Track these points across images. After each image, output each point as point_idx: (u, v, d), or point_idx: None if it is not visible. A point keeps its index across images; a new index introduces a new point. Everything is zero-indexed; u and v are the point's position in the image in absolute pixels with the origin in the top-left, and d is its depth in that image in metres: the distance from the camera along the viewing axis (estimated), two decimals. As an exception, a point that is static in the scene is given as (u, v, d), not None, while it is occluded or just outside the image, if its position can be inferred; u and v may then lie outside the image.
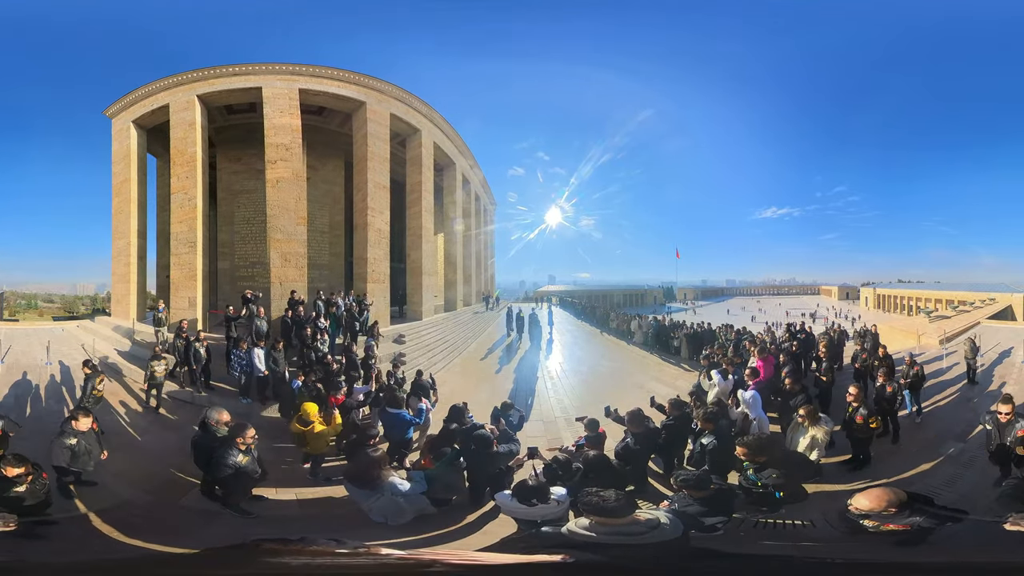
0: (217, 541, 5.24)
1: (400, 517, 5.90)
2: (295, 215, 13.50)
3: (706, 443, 6.56)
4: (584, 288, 23.39)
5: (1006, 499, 4.66)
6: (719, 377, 9.03)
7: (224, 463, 6.04)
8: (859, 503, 3.58)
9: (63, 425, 6.79)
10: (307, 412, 7.45)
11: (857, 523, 3.55)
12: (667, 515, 2.95)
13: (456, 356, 14.87)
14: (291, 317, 11.66)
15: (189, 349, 10.42)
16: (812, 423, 6.81)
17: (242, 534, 5.62)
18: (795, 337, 12.72)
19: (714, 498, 4.45)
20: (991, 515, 4.14)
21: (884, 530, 3.38)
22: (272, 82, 13.65)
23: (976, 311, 17.37)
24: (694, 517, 4.00)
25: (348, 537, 5.20)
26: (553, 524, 4.51)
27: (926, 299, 19.73)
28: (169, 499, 6.73)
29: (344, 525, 6.08)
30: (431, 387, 9.68)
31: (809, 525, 4.64)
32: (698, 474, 4.91)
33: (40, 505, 5.48)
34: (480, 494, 6.39)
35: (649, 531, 2.74)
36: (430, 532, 5.73)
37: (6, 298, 16.62)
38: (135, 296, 14.57)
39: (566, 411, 10.47)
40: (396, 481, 5.98)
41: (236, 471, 6.08)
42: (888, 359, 10.12)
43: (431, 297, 17.14)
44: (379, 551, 2.83)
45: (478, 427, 6.76)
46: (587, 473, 5.46)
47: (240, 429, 6.32)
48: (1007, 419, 6.17)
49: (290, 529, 6.16)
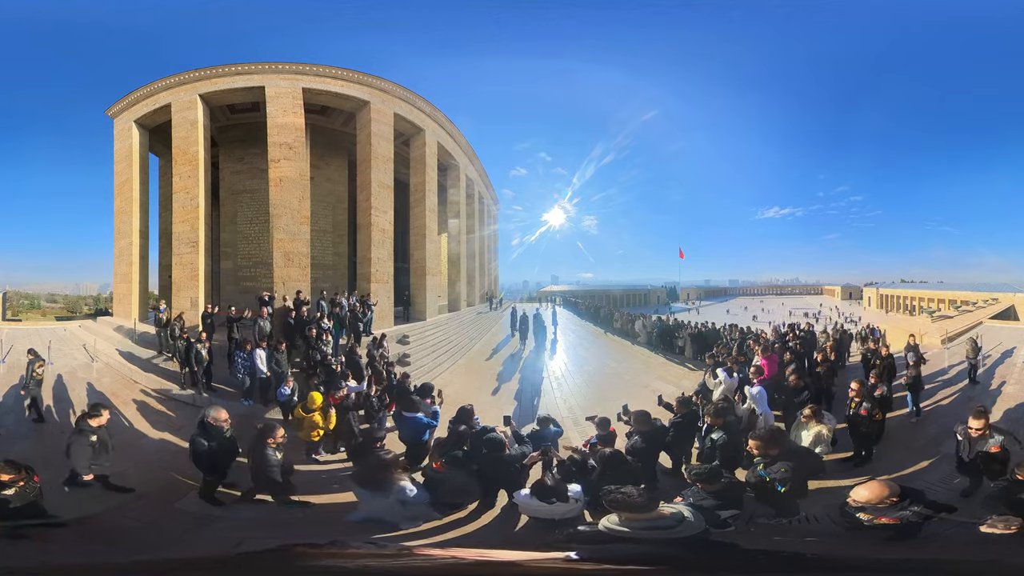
0: (211, 546, 5.18)
1: (402, 521, 5.88)
2: (298, 215, 13.47)
3: (716, 438, 6.60)
4: (587, 288, 23.36)
5: (991, 501, 4.73)
6: (724, 375, 9.04)
7: (269, 463, 6.26)
8: (858, 495, 3.62)
9: (80, 423, 6.68)
10: (312, 400, 7.99)
11: (854, 517, 3.59)
12: (688, 509, 2.96)
13: (461, 356, 14.83)
14: (295, 317, 11.62)
15: (190, 350, 10.37)
16: (817, 420, 6.93)
17: (236, 539, 5.55)
18: (798, 336, 12.79)
19: (726, 491, 4.48)
20: (974, 517, 4.21)
21: (877, 524, 3.42)
22: (275, 81, 13.62)
23: (979, 311, 17.37)
24: (709, 511, 4.02)
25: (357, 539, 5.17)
26: (571, 522, 4.50)
27: (929, 299, 19.73)
28: (166, 502, 6.68)
29: (347, 530, 6.05)
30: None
31: (813, 521, 4.65)
32: (710, 468, 4.94)
33: (29, 507, 5.33)
34: (492, 496, 6.35)
35: (676, 525, 2.74)
36: (445, 534, 5.71)
37: (9, 298, 16.55)
38: (137, 296, 14.53)
39: (572, 411, 10.43)
40: (406, 486, 6.03)
41: (279, 467, 6.32)
42: (889, 359, 10.14)
43: (435, 297, 17.10)
44: (411, 551, 2.81)
45: (489, 430, 6.71)
46: (604, 470, 5.47)
47: (270, 430, 6.51)
48: (978, 435, 6.16)
49: (288, 534, 6.07)
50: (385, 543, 3.53)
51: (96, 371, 11.29)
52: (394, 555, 2.82)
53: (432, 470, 6.41)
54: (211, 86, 13.63)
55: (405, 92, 15.32)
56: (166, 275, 14.49)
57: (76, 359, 11.93)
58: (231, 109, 14.98)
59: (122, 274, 14.92)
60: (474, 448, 6.48)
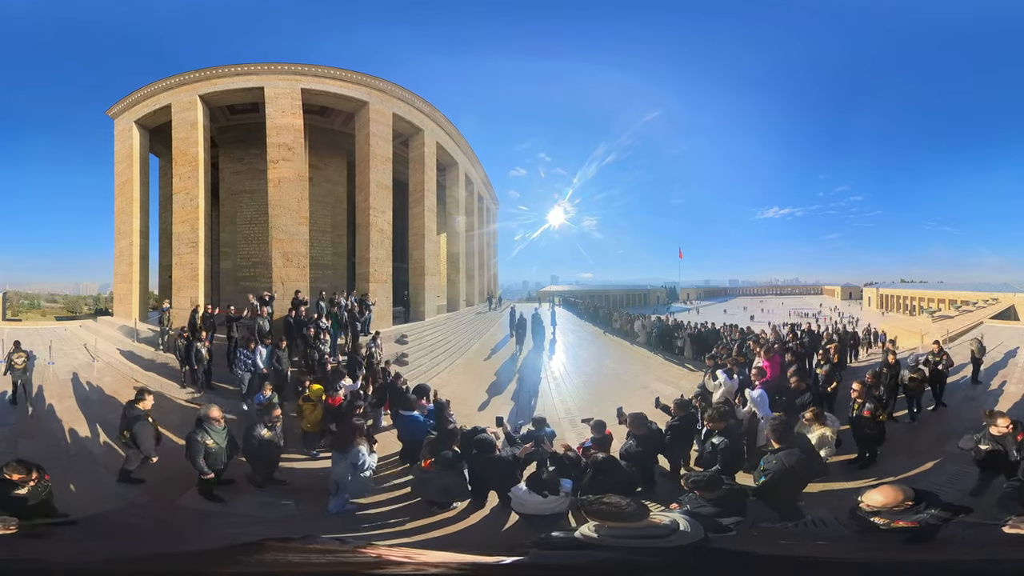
0: (214, 541, 5.21)
1: (350, 488, 6.34)
2: (297, 215, 13.48)
3: (717, 443, 6.42)
4: (587, 288, 23.36)
5: (1007, 501, 4.68)
6: (724, 377, 8.93)
7: (250, 435, 6.73)
8: (871, 500, 3.54)
9: (130, 411, 6.95)
10: (313, 392, 8.47)
11: (867, 521, 3.52)
12: (685, 517, 2.89)
13: (459, 356, 14.83)
14: (294, 317, 11.64)
15: (190, 349, 10.40)
16: (820, 423, 6.79)
17: (237, 533, 5.62)
18: (799, 337, 12.71)
19: (727, 498, 4.38)
20: (989, 517, 4.16)
21: (894, 527, 3.36)
22: (274, 82, 13.63)
23: (979, 311, 17.33)
24: (709, 518, 3.94)
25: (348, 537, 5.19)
26: (558, 518, 4.50)
27: (929, 299, 19.66)
28: (167, 498, 6.75)
29: (341, 526, 6.13)
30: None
31: (820, 524, 4.59)
32: (710, 475, 4.83)
33: (42, 506, 5.42)
34: (482, 496, 6.33)
35: (669, 534, 2.68)
36: (431, 533, 5.73)
37: (9, 298, 16.59)
38: (137, 296, 14.57)
39: (570, 412, 10.42)
40: (361, 451, 6.30)
41: (259, 443, 6.73)
42: (896, 366, 10.02)
43: (433, 297, 17.10)
44: (383, 551, 2.79)
45: (480, 431, 6.69)
46: (596, 475, 5.36)
47: (268, 409, 7.08)
48: (1003, 433, 6.04)
49: (290, 529, 6.16)
50: (359, 541, 3.55)
51: (97, 370, 11.33)
52: (364, 553, 2.81)
53: (421, 469, 6.40)
54: (211, 87, 13.65)
55: (404, 92, 15.33)
56: (166, 275, 14.53)
57: (77, 359, 11.97)
58: (231, 110, 15.00)
59: (122, 274, 14.96)
60: (464, 448, 6.43)
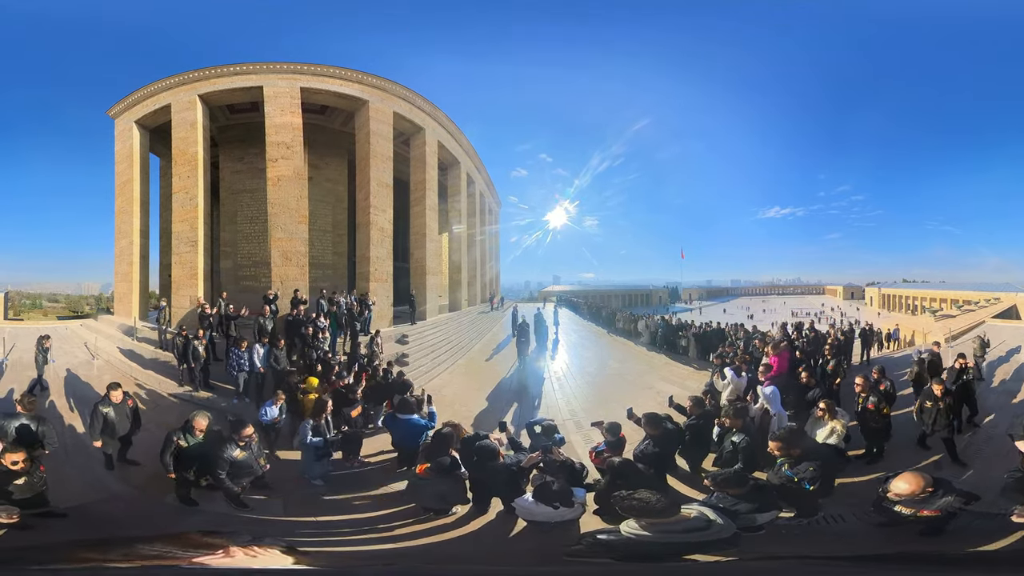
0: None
1: (306, 467, 6.62)
2: (296, 214, 13.43)
3: (737, 441, 6.38)
4: (589, 288, 23.29)
5: (1010, 492, 4.72)
6: (732, 374, 8.92)
7: (220, 457, 6.25)
8: (897, 488, 3.52)
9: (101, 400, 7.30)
10: (310, 384, 8.78)
11: (892, 511, 3.49)
12: (712, 511, 2.84)
13: (461, 357, 14.76)
14: (292, 316, 11.58)
15: (188, 347, 10.34)
16: (831, 416, 6.90)
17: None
18: (804, 335, 12.77)
19: (756, 494, 4.30)
20: (995, 508, 4.21)
21: (920, 516, 3.34)
22: (274, 81, 13.59)
23: (981, 310, 17.29)
24: (739, 514, 3.85)
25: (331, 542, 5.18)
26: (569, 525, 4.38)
27: (931, 299, 19.63)
28: (158, 494, 6.81)
29: (326, 530, 6.14)
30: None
31: (840, 520, 4.55)
32: (734, 472, 4.80)
33: (37, 498, 5.58)
34: (485, 504, 6.19)
35: (700, 529, 2.64)
36: (432, 537, 5.64)
37: (11, 297, 16.54)
38: (137, 295, 14.51)
39: (575, 413, 10.33)
40: (306, 427, 6.46)
41: (231, 465, 6.29)
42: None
43: (435, 297, 17.02)
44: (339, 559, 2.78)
45: (481, 437, 6.54)
46: (615, 480, 5.20)
47: (238, 426, 6.47)
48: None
49: (274, 530, 6.16)
50: (306, 547, 3.55)
51: (97, 368, 11.31)
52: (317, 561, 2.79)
53: (415, 475, 6.25)
54: (210, 86, 13.61)
55: (404, 91, 15.26)
56: (166, 274, 14.47)
57: (77, 357, 11.93)
58: (231, 109, 14.95)
59: (123, 273, 14.90)
60: (464, 455, 6.25)
